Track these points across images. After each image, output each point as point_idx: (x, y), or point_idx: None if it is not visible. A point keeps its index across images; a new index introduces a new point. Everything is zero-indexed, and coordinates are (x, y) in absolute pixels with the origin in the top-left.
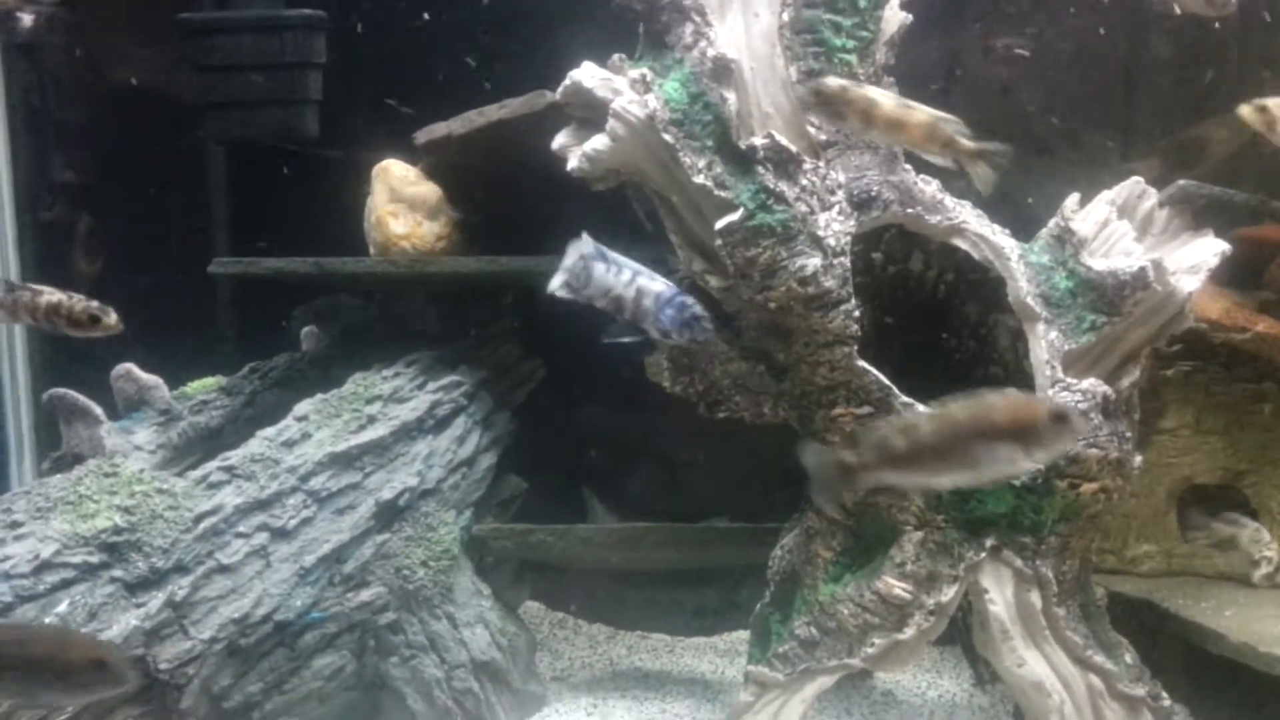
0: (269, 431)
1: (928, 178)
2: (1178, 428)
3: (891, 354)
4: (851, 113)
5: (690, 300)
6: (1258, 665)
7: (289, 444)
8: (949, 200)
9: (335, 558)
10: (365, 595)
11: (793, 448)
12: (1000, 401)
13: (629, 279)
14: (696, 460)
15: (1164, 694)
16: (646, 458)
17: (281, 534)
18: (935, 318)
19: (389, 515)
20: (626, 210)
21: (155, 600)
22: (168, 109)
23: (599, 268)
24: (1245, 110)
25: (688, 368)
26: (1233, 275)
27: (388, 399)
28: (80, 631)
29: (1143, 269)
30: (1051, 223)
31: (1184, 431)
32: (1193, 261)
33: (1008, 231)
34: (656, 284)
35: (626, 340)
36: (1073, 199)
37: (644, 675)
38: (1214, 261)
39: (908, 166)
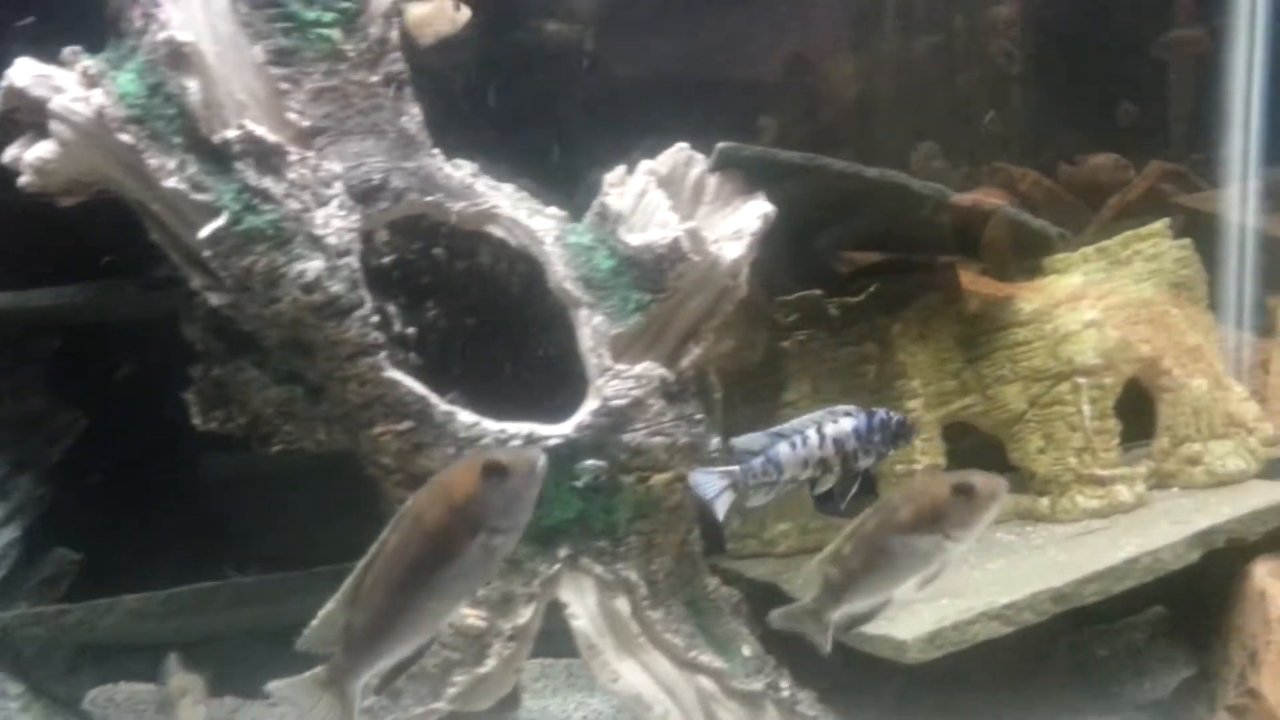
0: None
1: (460, 162)
2: (798, 399)
3: (481, 359)
4: None
5: (880, 415)
6: (850, 642)
7: None
8: (482, 185)
9: None
10: None
11: None
12: (903, 496)
13: (817, 438)
14: (346, 497)
15: (785, 683)
16: (291, 502)
17: None
18: (519, 314)
19: None
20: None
21: None
22: None
23: (784, 450)
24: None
25: (222, 400)
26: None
27: None
28: None
29: (677, 240)
30: (596, 199)
31: (804, 403)
32: (736, 227)
33: (562, 213)
34: (842, 424)
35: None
36: (616, 172)
37: None
38: (756, 225)
39: (435, 151)
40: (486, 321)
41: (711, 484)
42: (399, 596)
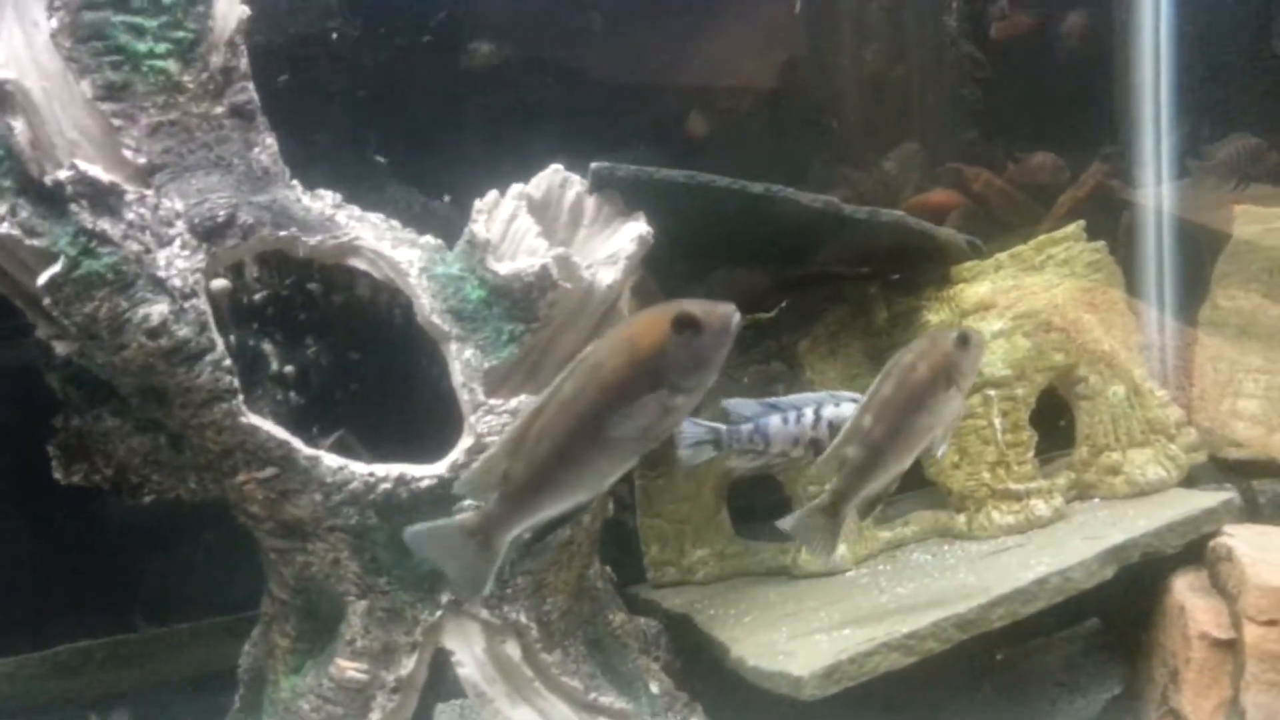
0: None
1: (322, 192)
2: None
3: (368, 394)
4: None
5: None
6: (749, 678)
7: None
8: (343, 215)
9: None
10: None
11: None
12: (914, 356)
13: (812, 417)
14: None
15: (697, 719)
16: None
17: None
18: (405, 346)
19: None
20: None
21: None
22: None
23: (775, 423)
24: None
25: (84, 451)
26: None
27: None
28: None
29: (545, 267)
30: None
31: None
32: (611, 251)
33: (436, 242)
34: (843, 409)
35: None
36: (487, 198)
37: None
38: (631, 248)
39: (294, 183)
40: (371, 356)
41: (692, 433)
42: (566, 447)
